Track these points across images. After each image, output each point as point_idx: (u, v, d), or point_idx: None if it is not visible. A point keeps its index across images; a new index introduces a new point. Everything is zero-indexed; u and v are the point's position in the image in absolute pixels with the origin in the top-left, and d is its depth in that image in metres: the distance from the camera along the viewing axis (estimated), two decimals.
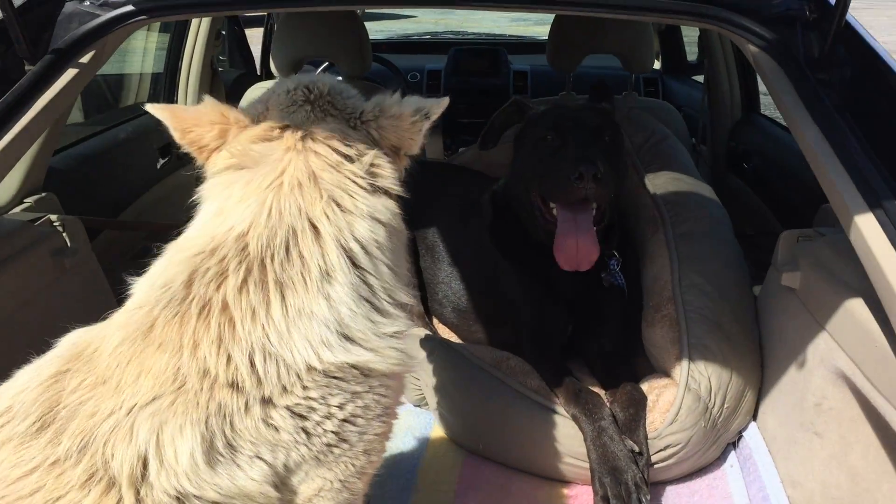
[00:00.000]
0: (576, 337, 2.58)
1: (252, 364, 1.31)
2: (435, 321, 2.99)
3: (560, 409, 2.28)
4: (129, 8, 2.12)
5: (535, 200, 2.49)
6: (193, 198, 1.53)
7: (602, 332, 2.56)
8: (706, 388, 2.23)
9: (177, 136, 1.51)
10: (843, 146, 1.86)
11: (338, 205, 1.44)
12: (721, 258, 2.54)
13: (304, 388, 1.35)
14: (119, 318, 1.38)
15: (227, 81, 4.75)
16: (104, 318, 1.41)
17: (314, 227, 1.41)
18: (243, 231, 1.38)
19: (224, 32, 4.63)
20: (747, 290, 2.51)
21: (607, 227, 2.51)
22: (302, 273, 1.38)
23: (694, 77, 5.40)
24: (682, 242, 2.55)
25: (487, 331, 2.78)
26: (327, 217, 1.42)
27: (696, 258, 2.50)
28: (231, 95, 4.49)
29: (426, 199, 2.99)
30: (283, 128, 1.49)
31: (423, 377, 2.54)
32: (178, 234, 1.50)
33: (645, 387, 2.34)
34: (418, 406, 2.66)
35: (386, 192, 1.52)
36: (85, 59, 2.13)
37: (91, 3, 2.14)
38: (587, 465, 2.19)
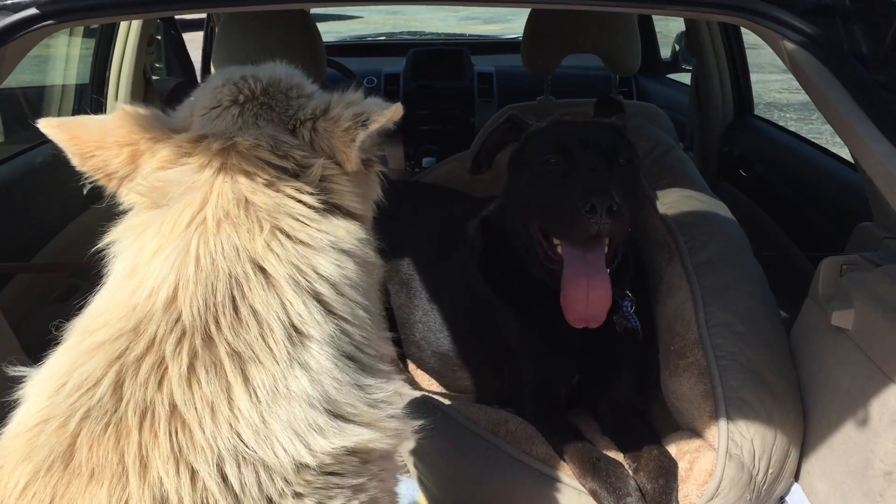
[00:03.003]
0: (582, 387, 2.20)
1: (224, 477, 0.94)
2: (411, 366, 2.59)
3: (574, 481, 1.90)
4: (33, 11, 1.70)
5: (536, 235, 2.08)
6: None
7: (613, 382, 2.18)
8: (749, 453, 1.86)
9: (76, 161, 1.21)
10: None
11: (287, 235, 1.09)
12: (747, 289, 2.16)
13: (297, 495, 0.98)
14: (14, 441, 0.97)
15: (164, 91, 4.28)
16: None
17: (261, 271, 1.07)
18: (169, 295, 1.04)
19: (159, 38, 4.16)
20: (780, 325, 2.15)
21: (619, 265, 2.13)
22: (262, 336, 1.02)
23: (668, 76, 5.09)
24: (703, 273, 2.16)
25: (475, 378, 2.38)
26: (275, 254, 1.07)
27: (721, 291, 2.12)
28: (169, 106, 4.03)
29: (399, 225, 2.59)
30: (198, 140, 1.17)
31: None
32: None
33: (672, 449, 1.97)
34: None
35: (348, 213, 1.18)
36: None
37: None
38: None
